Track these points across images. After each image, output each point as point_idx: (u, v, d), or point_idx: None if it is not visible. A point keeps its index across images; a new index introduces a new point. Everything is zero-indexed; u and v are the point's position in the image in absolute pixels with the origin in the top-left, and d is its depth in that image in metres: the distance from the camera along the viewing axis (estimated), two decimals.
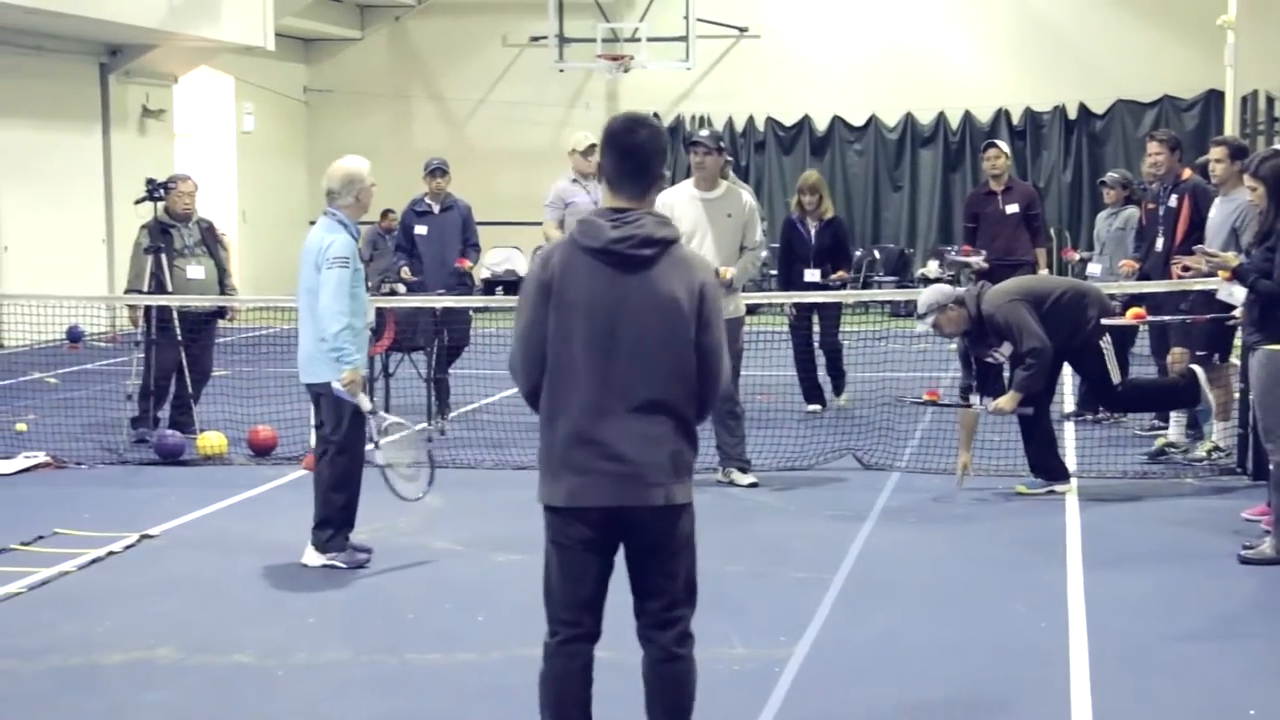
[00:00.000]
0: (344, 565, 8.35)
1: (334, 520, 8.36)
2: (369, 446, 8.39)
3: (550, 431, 4.87)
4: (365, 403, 8.27)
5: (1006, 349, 9.86)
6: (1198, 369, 10.25)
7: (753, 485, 10.41)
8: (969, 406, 10.08)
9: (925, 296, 10.08)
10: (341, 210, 8.40)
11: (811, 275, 13.45)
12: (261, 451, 11.64)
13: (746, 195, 10.71)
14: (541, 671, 4.99)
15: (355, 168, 8.47)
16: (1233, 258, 8.67)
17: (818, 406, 13.63)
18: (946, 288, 10.26)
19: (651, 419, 4.81)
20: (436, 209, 13.36)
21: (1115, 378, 9.98)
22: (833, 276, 13.53)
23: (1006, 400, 9.78)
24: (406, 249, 13.32)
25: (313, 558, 8.40)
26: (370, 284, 10.92)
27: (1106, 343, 9.92)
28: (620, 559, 4.99)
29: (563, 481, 4.85)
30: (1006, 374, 10.12)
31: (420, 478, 8.59)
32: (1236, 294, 8.66)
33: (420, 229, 13.32)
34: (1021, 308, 9.75)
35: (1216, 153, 10.67)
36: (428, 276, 13.18)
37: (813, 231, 13.56)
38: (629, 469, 4.79)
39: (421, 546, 8.85)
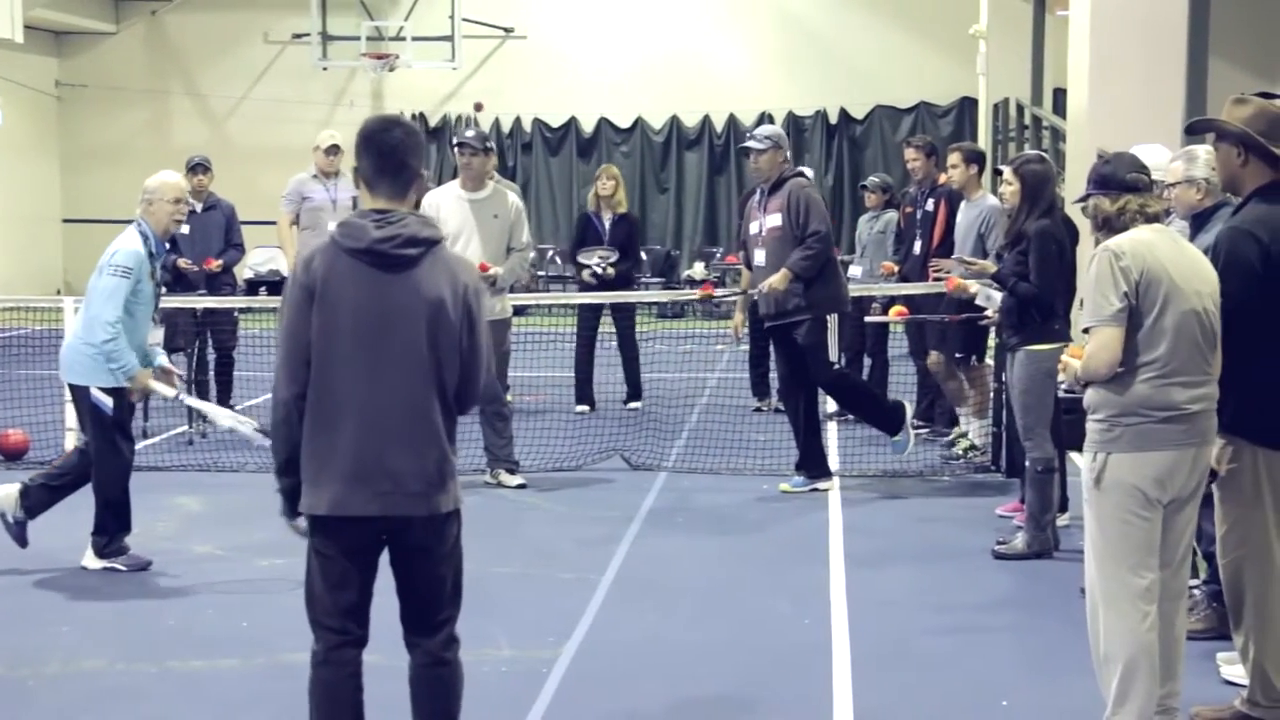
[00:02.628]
0: (124, 568, 8.20)
1: (108, 526, 8.19)
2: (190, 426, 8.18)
3: (314, 439, 4.76)
4: (167, 390, 8.14)
5: (775, 220, 10.01)
6: (907, 405, 10.53)
7: (521, 486, 10.40)
8: (744, 294, 10.58)
9: (773, 128, 10.56)
10: (146, 220, 8.15)
11: (589, 258, 13.45)
12: (12, 456, 11.27)
13: (513, 196, 10.70)
14: (310, 681, 4.88)
15: (154, 178, 8.34)
16: (990, 265, 8.93)
17: (586, 408, 13.67)
18: (785, 139, 10.51)
19: (417, 424, 4.75)
20: (199, 208, 13.08)
21: (834, 355, 10.15)
22: (601, 267, 13.62)
23: (778, 278, 9.90)
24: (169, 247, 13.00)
25: (92, 561, 8.23)
26: None
27: (832, 321, 10.09)
28: (385, 561, 4.92)
29: (325, 490, 4.74)
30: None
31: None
32: (994, 298, 8.92)
33: (182, 228, 13.00)
34: (821, 202, 10.13)
35: (954, 159, 11.01)
36: (189, 276, 12.89)
37: (607, 225, 13.63)
38: (394, 478, 4.72)
39: (182, 551, 8.65)
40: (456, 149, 10.53)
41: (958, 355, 11.02)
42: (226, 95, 25.74)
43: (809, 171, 11.34)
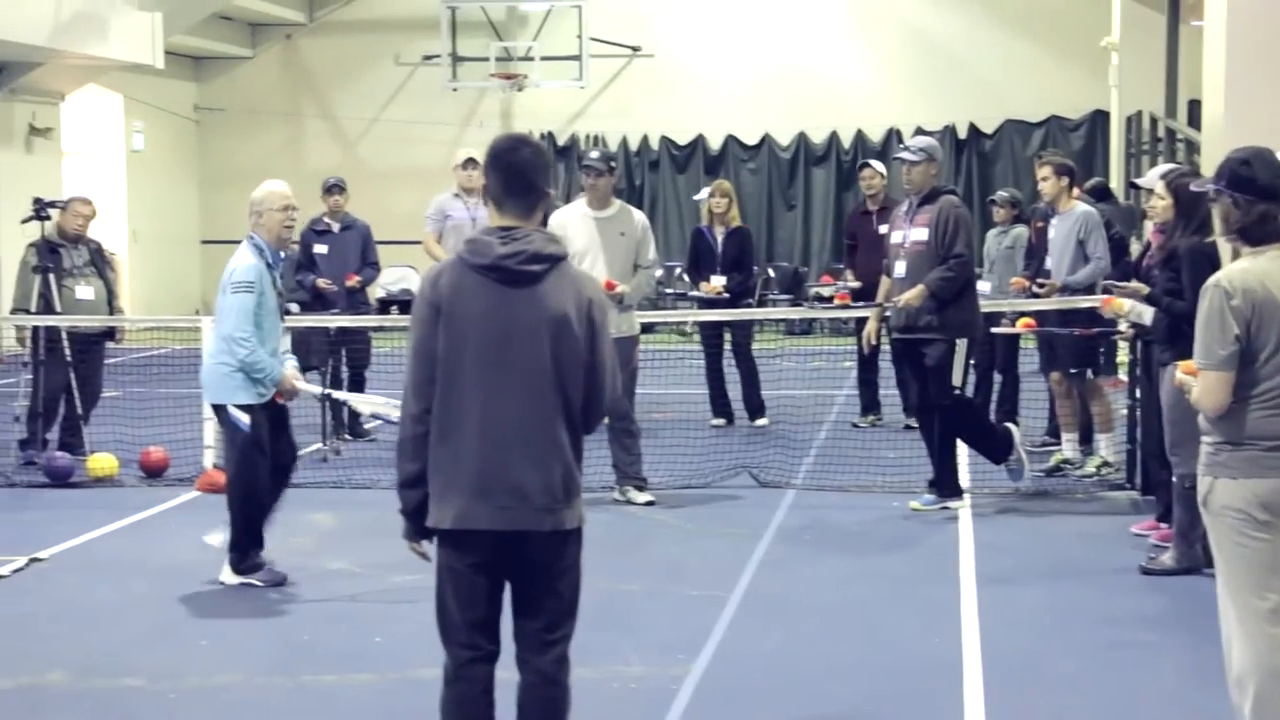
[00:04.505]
0: (261, 584, 8.33)
1: (243, 542, 8.33)
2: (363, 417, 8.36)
3: (440, 453, 4.81)
4: (313, 389, 8.29)
5: (921, 233, 9.95)
6: (1015, 430, 10.39)
7: (649, 503, 10.42)
8: (880, 307, 10.44)
9: (928, 140, 10.54)
10: (257, 233, 8.30)
11: (717, 281, 13.57)
12: (153, 473, 11.50)
13: (639, 214, 10.76)
14: (442, 696, 4.92)
15: (260, 190, 8.42)
16: (1141, 287, 8.80)
17: (722, 421, 13.69)
18: (939, 151, 10.45)
19: (541, 439, 4.78)
20: (336, 228, 13.29)
21: (957, 380, 10.02)
22: (704, 287, 13.67)
23: (914, 294, 9.84)
24: (306, 267, 13.22)
25: (229, 577, 8.37)
26: None
27: (962, 345, 9.98)
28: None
29: (451, 504, 4.79)
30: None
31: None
32: (1145, 315, 8.80)
33: (320, 248, 13.23)
34: (970, 224, 10.07)
35: (1043, 172, 10.99)
36: (328, 295, 13.09)
37: (719, 239, 13.70)
38: (519, 493, 4.75)
39: (317, 567, 8.77)
40: (582, 170, 10.63)
41: (1072, 370, 10.93)
42: (358, 117, 26.09)
43: None
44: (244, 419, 8.19)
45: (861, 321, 11.47)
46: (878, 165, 13.95)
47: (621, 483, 10.51)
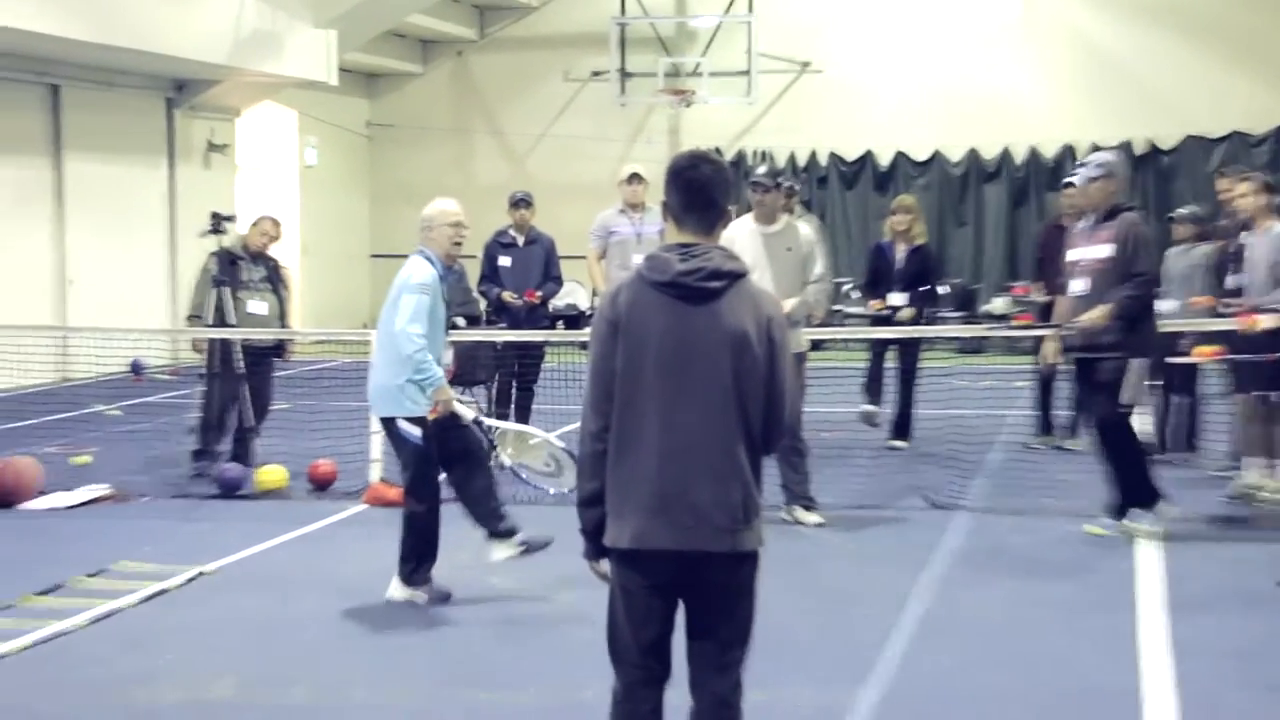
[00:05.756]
0: (426, 599, 8.35)
1: (410, 556, 8.35)
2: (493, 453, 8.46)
3: (617, 471, 4.74)
4: (466, 413, 8.31)
5: (1103, 250, 9.68)
6: (1167, 507, 10.01)
7: (819, 524, 10.27)
8: (1059, 328, 10.19)
9: (1111, 155, 10.28)
10: (428, 247, 8.37)
11: (895, 299, 13.35)
12: (321, 486, 11.61)
13: (807, 229, 10.62)
14: (610, 717, 4.84)
15: (431, 207, 8.51)
16: None
17: (901, 442, 13.45)
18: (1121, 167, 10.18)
19: (720, 458, 4.68)
20: (521, 241, 13.36)
21: (1126, 398, 9.71)
22: (873, 305, 13.46)
23: (1098, 314, 9.59)
24: (490, 279, 13.30)
25: (397, 591, 8.40)
26: None
27: (1135, 364, 9.69)
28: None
29: (628, 523, 4.72)
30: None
31: (563, 474, 8.30)
32: None
33: (504, 260, 13.30)
34: (1152, 242, 9.84)
35: (1243, 188, 10.68)
36: (511, 308, 13.15)
37: (900, 256, 13.48)
38: (698, 512, 4.65)
39: (482, 583, 8.75)
40: (749, 186, 10.53)
41: (1257, 393, 10.59)
42: (527, 132, 26.28)
43: None
44: (415, 431, 8.21)
45: (1039, 339, 11.21)
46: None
47: (790, 503, 10.37)
